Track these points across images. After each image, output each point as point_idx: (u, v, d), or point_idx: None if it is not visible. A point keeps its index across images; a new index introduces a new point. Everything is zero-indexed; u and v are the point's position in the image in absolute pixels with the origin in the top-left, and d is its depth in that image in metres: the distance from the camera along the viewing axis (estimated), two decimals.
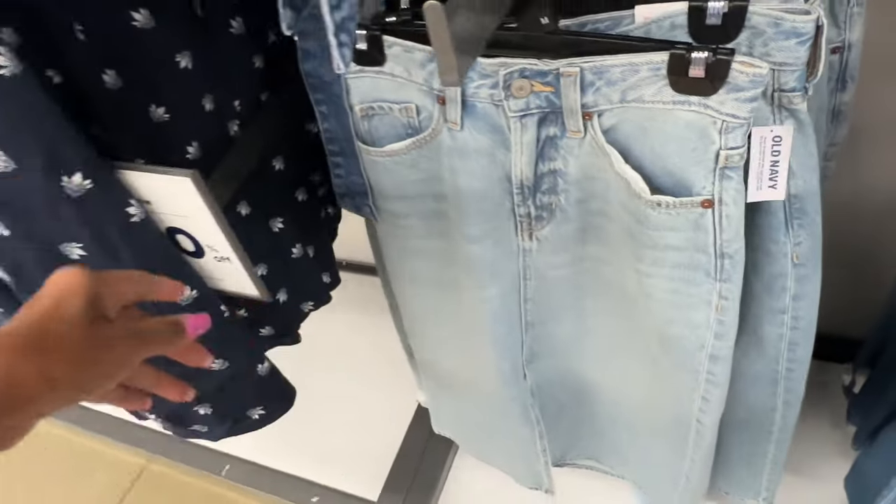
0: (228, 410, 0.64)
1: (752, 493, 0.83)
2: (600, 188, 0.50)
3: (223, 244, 0.45)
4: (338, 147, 0.56)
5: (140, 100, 0.45)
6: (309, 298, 0.69)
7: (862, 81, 0.58)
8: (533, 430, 0.76)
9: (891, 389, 0.85)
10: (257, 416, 0.68)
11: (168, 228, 0.46)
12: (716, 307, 0.49)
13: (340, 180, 0.58)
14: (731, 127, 0.40)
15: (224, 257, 0.47)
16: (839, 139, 0.63)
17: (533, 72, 0.43)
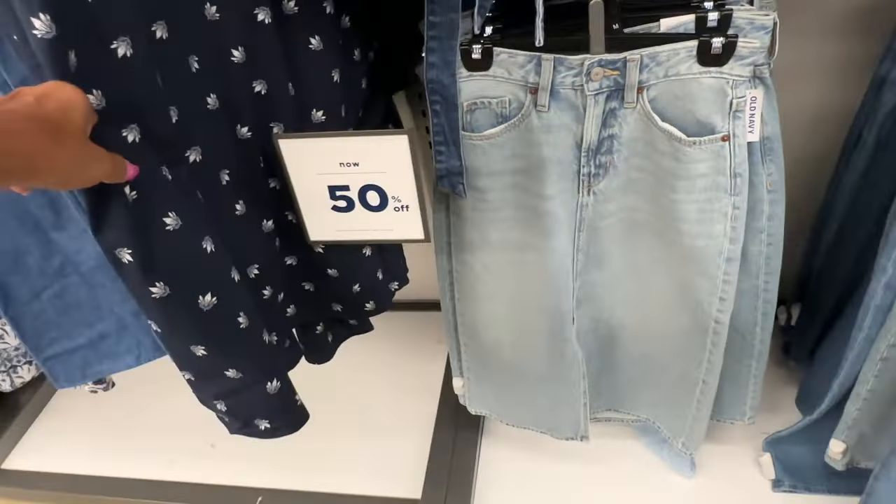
0: (239, 413, 0.73)
1: (738, 413, 1.05)
2: (641, 147, 0.72)
3: (410, 193, 0.61)
4: (442, 138, 0.74)
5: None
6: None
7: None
8: (579, 371, 0.94)
9: (819, 312, 1.13)
10: (263, 428, 0.76)
11: (362, 186, 0.61)
12: (731, 217, 0.72)
13: (442, 165, 0.76)
14: (738, 83, 0.64)
15: (404, 206, 0.62)
16: None
17: (606, 61, 0.65)
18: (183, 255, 0.55)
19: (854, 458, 0.99)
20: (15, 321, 0.71)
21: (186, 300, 0.56)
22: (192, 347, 0.59)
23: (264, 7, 0.59)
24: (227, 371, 0.64)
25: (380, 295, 0.90)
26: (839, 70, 0.97)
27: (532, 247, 0.82)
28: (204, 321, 0.58)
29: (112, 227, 0.51)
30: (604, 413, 1.12)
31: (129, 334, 0.77)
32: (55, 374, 0.77)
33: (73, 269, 0.71)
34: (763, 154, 0.73)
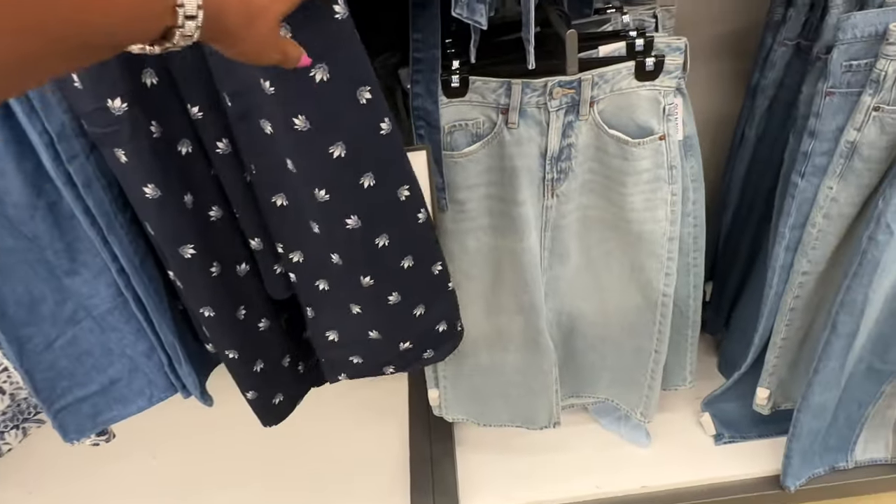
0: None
1: (680, 379, 1.21)
2: (593, 152, 0.86)
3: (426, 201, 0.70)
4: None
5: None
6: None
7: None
8: (551, 360, 1.05)
9: (727, 288, 1.33)
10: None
11: None
12: (670, 202, 0.87)
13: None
14: (667, 92, 0.80)
15: None
16: None
17: (564, 82, 0.79)
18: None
19: (776, 402, 1.18)
20: (29, 374, 0.69)
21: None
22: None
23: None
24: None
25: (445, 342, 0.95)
26: (721, 82, 1.19)
27: (507, 249, 0.93)
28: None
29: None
30: (567, 400, 1.23)
31: (141, 375, 0.77)
32: (65, 426, 0.75)
33: (87, 314, 0.71)
34: (685, 150, 0.90)
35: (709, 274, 1.39)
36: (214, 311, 0.70)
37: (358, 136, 0.63)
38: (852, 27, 0.80)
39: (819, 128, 0.87)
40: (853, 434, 1.15)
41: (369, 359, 0.84)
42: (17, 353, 0.68)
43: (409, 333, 0.82)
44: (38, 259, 0.68)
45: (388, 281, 0.74)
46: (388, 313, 0.77)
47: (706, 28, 1.15)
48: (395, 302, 0.77)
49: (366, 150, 0.64)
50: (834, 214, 0.90)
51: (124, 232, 0.67)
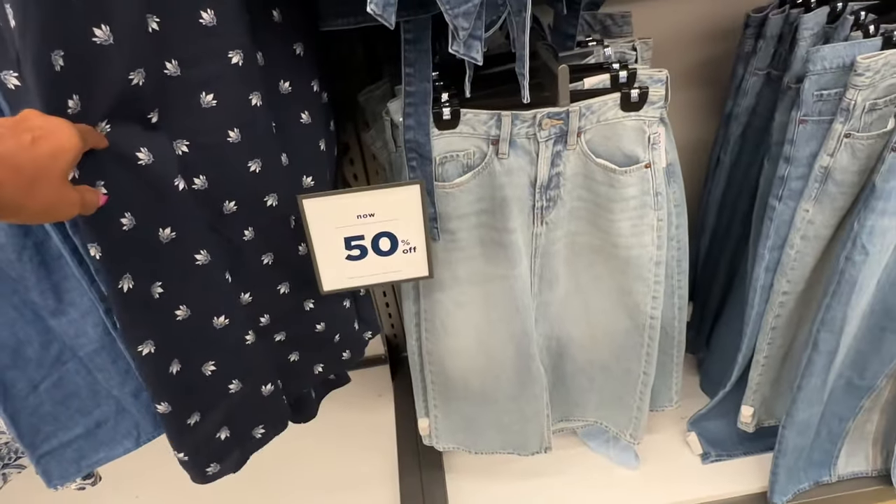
0: (239, 431, 0.80)
1: (666, 400, 1.23)
2: (581, 180, 0.88)
3: (418, 235, 0.70)
4: None
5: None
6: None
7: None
8: (542, 385, 1.05)
9: (708, 307, 1.36)
10: (259, 436, 0.84)
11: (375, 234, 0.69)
12: (656, 228, 0.89)
13: None
14: (652, 122, 0.82)
15: (412, 247, 0.71)
16: None
17: (553, 113, 0.81)
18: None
19: (760, 419, 1.21)
20: (13, 418, 0.66)
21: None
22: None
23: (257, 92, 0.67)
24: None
25: (355, 343, 0.95)
26: (697, 110, 1.23)
27: (498, 276, 0.94)
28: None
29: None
30: (557, 425, 1.24)
31: (128, 417, 0.75)
32: (49, 472, 0.72)
33: (72, 355, 0.69)
34: (668, 177, 0.92)
35: (689, 295, 1.42)
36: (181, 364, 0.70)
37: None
38: (822, 59, 0.84)
39: (794, 154, 0.91)
40: (835, 448, 1.18)
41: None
42: (2, 398, 0.65)
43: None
44: (24, 300, 0.66)
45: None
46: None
47: (681, 58, 1.19)
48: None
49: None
50: (811, 236, 0.93)
51: None
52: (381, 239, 0.70)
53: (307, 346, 0.86)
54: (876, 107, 0.82)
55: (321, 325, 0.85)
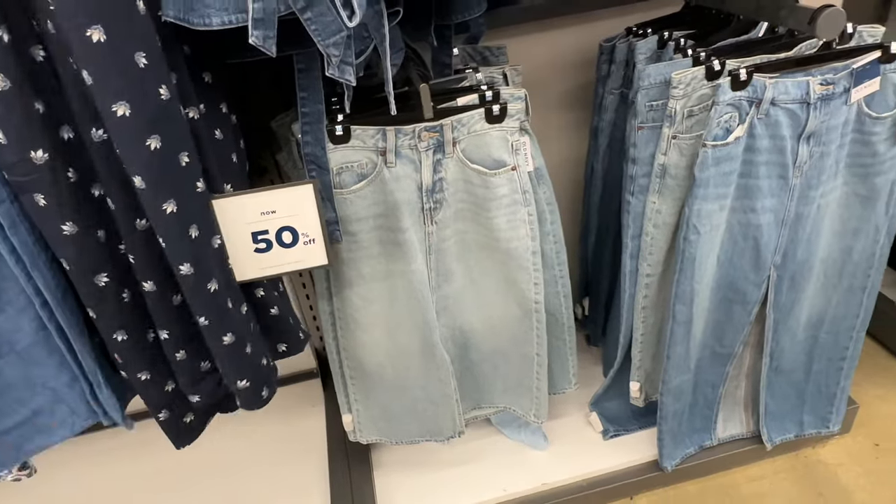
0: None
1: (566, 383, 1.37)
2: (461, 184, 1.03)
3: (316, 228, 0.83)
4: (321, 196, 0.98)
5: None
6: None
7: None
8: (448, 371, 1.18)
9: (600, 301, 1.52)
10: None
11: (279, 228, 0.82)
12: (528, 221, 1.05)
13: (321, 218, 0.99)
14: (513, 132, 0.99)
15: (312, 239, 0.84)
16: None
17: (430, 127, 0.96)
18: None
19: (648, 394, 1.36)
20: None
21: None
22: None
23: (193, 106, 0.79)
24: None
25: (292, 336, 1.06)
26: (573, 128, 1.42)
27: (398, 272, 1.07)
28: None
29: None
30: (471, 413, 1.36)
31: (64, 406, 0.83)
32: None
33: (10, 349, 0.78)
34: (538, 179, 1.09)
35: (585, 290, 1.59)
36: (127, 334, 0.80)
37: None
38: (648, 76, 1.03)
39: (637, 155, 1.09)
40: (713, 414, 1.35)
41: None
42: None
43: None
44: None
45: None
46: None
47: (556, 85, 1.38)
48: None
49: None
50: (660, 224, 1.11)
51: (46, 268, 0.76)
52: (283, 232, 0.83)
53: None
54: (693, 113, 1.01)
55: (275, 309, 0.96)
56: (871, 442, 1.43)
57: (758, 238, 1.08)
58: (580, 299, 1.60)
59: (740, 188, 1.04)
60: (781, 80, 0.95)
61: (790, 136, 0.99)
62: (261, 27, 0.68)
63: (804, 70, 0.97)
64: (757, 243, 1.09)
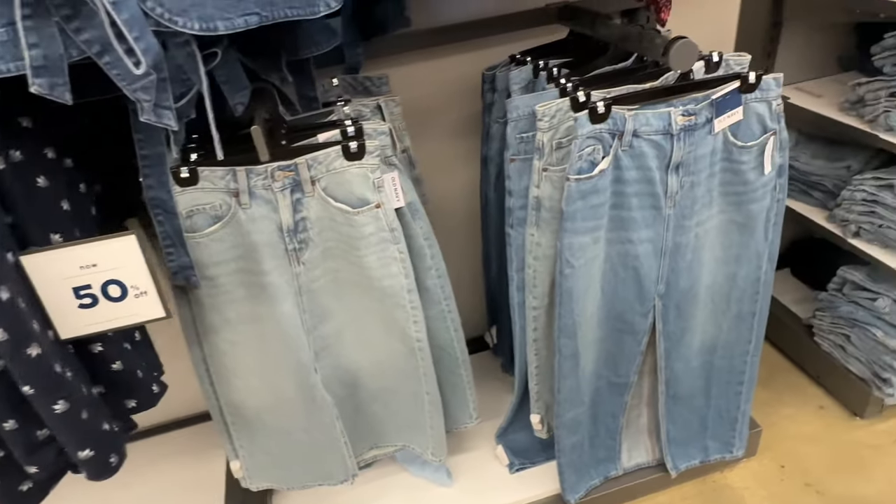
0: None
1: (466, 417, 1.33)
2: (327, 222, 0.99)
3: (146, 280, 0.77)
4: (170, 241, 0.92)
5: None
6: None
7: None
8: (331, 413, 1.13)
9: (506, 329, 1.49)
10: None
11: (103, 282, 0.76)
12: (400, 259, 1.01)
13: (174, 263, 0.94)
14: (374, 168, 0.95)
15: (143, 292, 0.78)
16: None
17: (283, 166, 0.92)
18: None
19: (551, 425, 1.33)
20: None
21: None
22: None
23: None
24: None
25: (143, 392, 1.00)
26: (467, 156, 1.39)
27: (264, 316, 1.02)
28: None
29: None
30: (369, 452, 1.31)
31: None
32: None
33: None
34: (412, 214, 1.05)
35: (492, 319, 1.56)
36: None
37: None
38: (516, 108, 1.01)
39: (512, 187, 1.06)
40: (616, 444, 1.32)
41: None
42: None
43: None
44: None
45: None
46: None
47: (448, 113, 1.36)
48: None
49: None
50: (541, 256, 1.08)
51: None
52: (110, 286, 0.78)
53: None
54: (562, 145, 0.99)
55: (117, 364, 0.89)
56: (777, 464, 1.42)
57: (637, 268, 1.07)
58: (489, 327, 1.57)
59: (614, 220, 1.02)
60: (642, 111, 0.93)
61: (657, 166, 0.97)
62: (44, 74, 0.63)
63: (666, 101, 0.96)
64: (637, 273, 1.07)
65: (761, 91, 0.96)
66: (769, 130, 0.99)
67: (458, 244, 1.54)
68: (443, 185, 1.45)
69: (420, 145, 1.38)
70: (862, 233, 1.35)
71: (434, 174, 1.43)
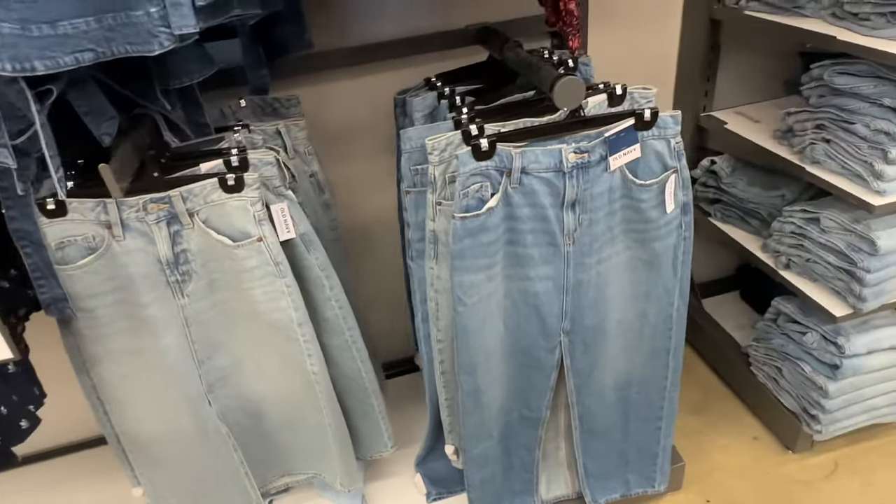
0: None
1: (381, 446, 1.31)
2: (209, 254, 0.96)
3: None
4: (40, 273, 0.90)
5: None
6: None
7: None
8: (227, 444, 1.10)
9: None
10: None
11: None
12: (288, 293, 0.98)
13: (46, 296, 0.91)
14: (254, 202, 0.92)
15: None
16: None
17: (157, 198, 0.89)
18: None
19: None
20: None
21: None
22: None
23: None
24: None
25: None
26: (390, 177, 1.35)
27: (147, 348, 0.99)
28: None
29: None
30: (281, 480, 1.29)
31: None
32: None
33: None
34: (307, 246, 1.02)
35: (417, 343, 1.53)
36: None
37: None
38: (409, 139, 0.97)
39: (410, 220, 1.03)
40: (532, 477, 1.29)
41: None
42: None
43: None
44: None
45: None
46: None
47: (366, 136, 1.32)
48: None
49: None
50: (441, 289, 1.05)
51: None
52: None
53: None
54: (454, 179, 0.95)
55: None
56: (703, 499, 1.39)
57: (538, 305, 1.03)
58: (416, 349, 1.54)
59: (510, 256, 0.98)
60: (531, 149, 0.90)
61: (550, 204, 0.94)
62: None
63: (558, 137, 0.92)
64: (539, 310, 1.04)
65: (658, 129, 0.93)
66: (669, 168, 0.96)
67: (381, 266, 1.51)
68: (364, 206, 1.42)
69: (340, 167, 1.35)
70: (792, 265, 1.32)
71: (355, 196, 1.41)
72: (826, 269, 1.23)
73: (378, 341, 1.56)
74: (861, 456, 1.42)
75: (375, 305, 1.52)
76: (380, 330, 1.47)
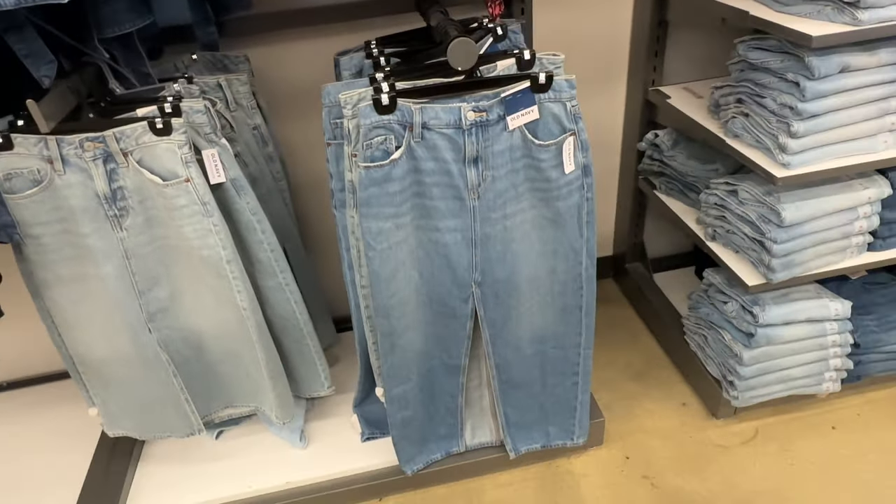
0: None
1: (318, 386, 1.41)
2: (145, 193, 1.06)
3: None
4: None
5: None
6: None
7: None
8: (166, 371, 1.21)
9: None
10: None
11: None
12: (216, 231, 1.08)
13: None
14: (181, 144, 1.01)
15: None
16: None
17: (91, 137, 0.99)
18: None
19: None
20: None
21: None
22: None
23: None
24: None
25: None
26: None
27: (90, 275, 1.10)
28: None
29: None
30: (224, 411, 1.40)
31: None
32: None
33: None
34: (237, 190, 1.11)
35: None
36: None
37: None
38: (328, 94, 1.05)
39: (332, 170, 1.11)
40: (457, 422, 1.38)
41: None
42: None
43: None
44: None
45: None
46: None
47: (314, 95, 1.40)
48: None
49: None
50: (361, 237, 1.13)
51: None
52: None
53: None
54: None
55: None
56: (623, 455, 1.46)
57: (448, 256, 1.11)
58: None
59: (419, 208, 1.06)
60: (431, 105, 0.97)
61: (453, 159, 1.01)
62: None
63: (459, 96, 0.99)
64: (448, 261, 1.11)
65: (555, 92, 0.99)
66: (567, 131, 1.02)
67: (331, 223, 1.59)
68: (312, 163, 1.50)
69: (291, 125, 1.44)
70: (717, 237, 1.37)
71: (304, 153, 1.49)
72: (742, 240, 1.28)
73: (334, 293, 1.65)
74: (782, 425, 1.48)
75: (328, 259, 1.61)
76: (334, 283, 1.56)
